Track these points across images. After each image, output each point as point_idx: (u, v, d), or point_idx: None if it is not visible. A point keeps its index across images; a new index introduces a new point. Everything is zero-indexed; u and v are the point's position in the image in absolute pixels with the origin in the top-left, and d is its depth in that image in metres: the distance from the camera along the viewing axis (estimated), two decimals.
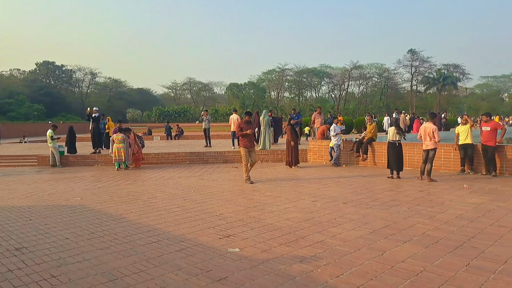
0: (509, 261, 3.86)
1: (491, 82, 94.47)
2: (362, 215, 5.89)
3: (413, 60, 60.82)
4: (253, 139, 9.35)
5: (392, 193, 7.61)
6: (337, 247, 4.43)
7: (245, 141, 9.05)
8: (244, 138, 9.03)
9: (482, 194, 7.38)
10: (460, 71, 64.26)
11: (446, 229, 5.04)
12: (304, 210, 6.26)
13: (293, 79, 71.30)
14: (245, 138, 9.03)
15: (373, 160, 12.16)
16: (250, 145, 9.10)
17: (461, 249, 4.26)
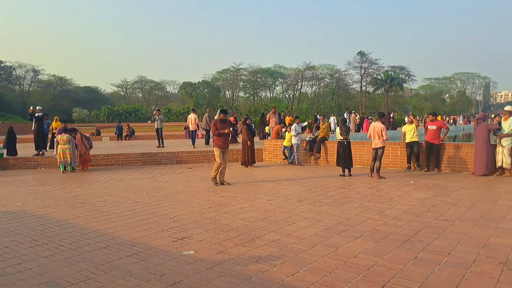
0: (452, 253, 4.09)
1: (433, 83, 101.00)
2: (316, 213, 5.99)
3: (362, 62, 63.47)
4: (228, 140, 8.89)
5: (344, 191, 7.84)
6: (292, 245, 4.47)
7: (220, 141, 8.56)
8: (220, 138, 8.54)
9: (426, 189, 7.82)
10: (406, 72, 68.02)
11: (394, 224, 5.26)
12: (260, 210, 6.26)
13: (247, 79, 71.38)
14: (220, 137, 8.54)
15: (326, 158, 12.49)
16: (225, 145, 8.65)
17: (408, 243, 4.46)
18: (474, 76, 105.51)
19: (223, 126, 8.68)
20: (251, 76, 70.74)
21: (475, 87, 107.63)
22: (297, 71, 67.35)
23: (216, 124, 8.65)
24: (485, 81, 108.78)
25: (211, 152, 13.79)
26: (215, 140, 8.65)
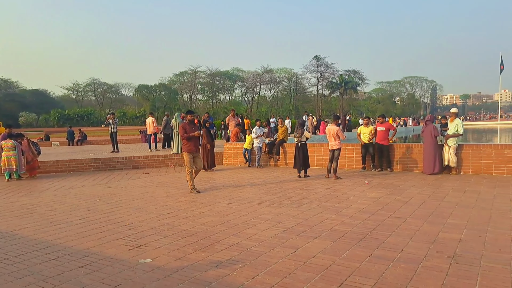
0: (405, 249, 4.27)
1: (385, 87, 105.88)
2: (275, 215, 6.02)
3: (318, 66, 65.22)
4: (199, 143, 8.47)
5: (303, 192, 7.96)
6: (252, 248, 4.45)
7: (190, 145, 8.05)
8: (189, 141, 8.03)
9: (380, 188, 8.12)
10: (359, 76, 70.75)
11: (351, 223, 5.41)
12: (220, 213, 6.20)
13: (206, 82, 70.71)
14: (189, 141, 8.03)
15: (285, 160, 12.64)
16: (195, 149, 8.17)
17: (364, 241, 4.59)
18: (422, 80, 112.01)
19: (192, 128, 8.17)
20: (210, 79, 70.21)
21: (423, 90, 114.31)
22: (256, 74, 67.94)
23: (185, 127, 8.09)
24: (432, 84, 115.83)
25: (169, 156, 13.51)
26: (185, 145, 8.10)
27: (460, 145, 9.94)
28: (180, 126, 8.30)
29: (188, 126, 8.19)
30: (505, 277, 3.41)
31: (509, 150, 9.38)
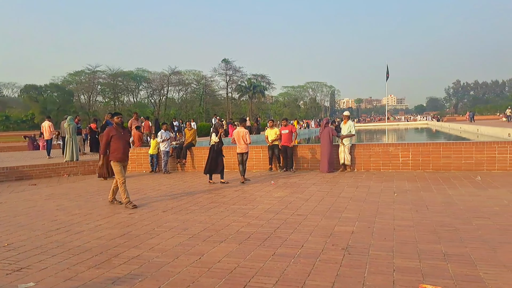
0: (305, 245, 4.47)
1: (290, 91, 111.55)
2: (182, 222, 5.84)
3: (227, 69, 65.89)
4: (128, 150, 7.45)
5: (211, 196, 7.89)
6: (155, 259, 4.22)
7: (118, 152, 7.01)
8: (116, 149, 7.00)
9: (285, 188, 8.46)
10: (266, 81, 73.37)
11: (256, 224, 5.50)
12: (120, 225, 5.79)
13: (107, 82, 65.54)
14: (117, 149, 7.00)
15: (193, 165, 12.44)
16: (125, 157, 7.17)
17: (268, 240, 4.70)
18: (322, 85, 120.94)
19: (121, 134, 7.15)
20: (111, 80, 65.23)
21: (323, 94, 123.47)
22: (163, 76, 65.54)
23: (111, 133, 7.03)
24: (331, 89, 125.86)
25: (61, 165, 12.27)
26: (112, 152, 7.03)
27: (353, 145, 10.89)
28: (105, 132, 7.18)
29: (115, 131, 7.07)
30: (389, 263, 3.78)
31: (393, 149, 10.57)
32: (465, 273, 3.45)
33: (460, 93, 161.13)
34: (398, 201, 6.59)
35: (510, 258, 3.76)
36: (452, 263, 3.70)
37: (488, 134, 28.99)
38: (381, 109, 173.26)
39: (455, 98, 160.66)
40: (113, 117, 7.47)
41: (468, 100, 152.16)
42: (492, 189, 7.37)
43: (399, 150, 10.51)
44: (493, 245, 4.16)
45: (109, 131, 7.08)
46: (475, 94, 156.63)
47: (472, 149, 9.85)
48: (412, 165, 10.36)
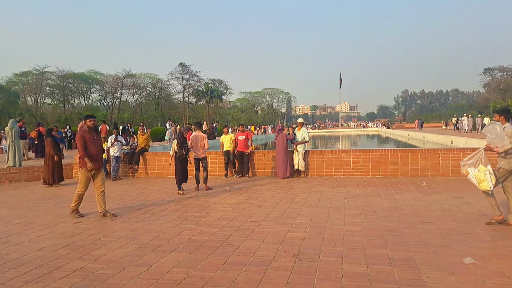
0: (257, 252, 4.45)
1: (247, 97, 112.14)
2: (130, 230, 5.61)
3: (184, 73, 65.02)
4: (102, 156, 6.93)
5: (163, 203, 7.67)
6: (100, 271, 4.00)
7: (91, 158, 6.43)
8: (90, 155, 6.43)
9: (240, 194, 8.42)
10: (224, 86, 73.30)
11: (209, 232, 5.41)
12: (64, 235, 5.45)
13: (56, 84, 61.91)
14: (91, 155, 6.44)
15: (146, 170, 12.06)
16: (98, 164, 6.60)
17: (220, 249, 4.63)
18: (279, 92, 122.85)
19: (94, 139, 6.59)
20: (61, 81, 61.74)
21: (280, 101, 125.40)
22: (116, 78, 63.21)
23: (84, 137, 6.48)
24: (287, 96, 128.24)
25: (2, 171, 11.42)
26: (82, 161, 6.46)
27: (307, 151, 11.11)
28: (78, 135, 6.59)
29: (89, 135, 6.54)
30: (337, 269, 3.85)
31: (345, 155, 10.91)
32: (409, 277, 3.58)
33: (408, 102, 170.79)
34: (349, 207, 6.78)
35: (450, 261, 3.97)
36: (398, 267, 3.84)
37: (433, 141, 30.88)
38: (335, 116, 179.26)
39: (404, 106, 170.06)
40: (85, 119, 6.84)
41: (415, 108, 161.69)
42: (436, 194, 7.80)
43: (350, 156, 10.86)
44: (435, 249, 4.38)
45: (82, 135, 6.52)
46: (421, 103, 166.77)
47: (418, 156, 10.40)
48: (362, 171, 10.74)
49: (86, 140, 6.45)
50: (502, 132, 5.08)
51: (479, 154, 5.35)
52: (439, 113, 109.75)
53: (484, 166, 5.24)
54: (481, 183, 5.25)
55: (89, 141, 6.48)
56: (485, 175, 5.20)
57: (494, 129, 5.15)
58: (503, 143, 5.05)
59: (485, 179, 5.20)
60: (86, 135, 6.51)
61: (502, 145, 5.06)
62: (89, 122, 6.70)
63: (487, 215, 5.88)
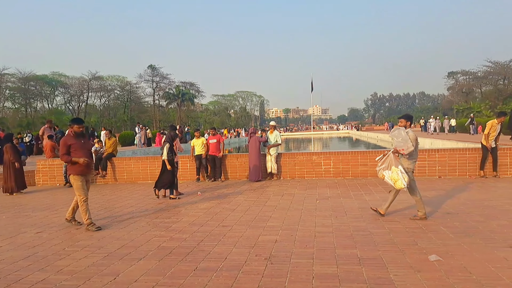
0: (229, 257, 4.40)
1: (220, 99, 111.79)
2: (97, 239, 5.41)
3: (153, 76, 63.97)
4: (91, 162, 6.37)
5: (132, 209, 7.47)
6: (63, 282, 3.82)
7: (79, 165, 5.93)
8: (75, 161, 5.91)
9: (212, 199, 8.33)
10: (196, 88, 72.70)
11: (179, 238, 5.30)
12: (24, 246, 5.18)
13: (16, 87, 58.85)
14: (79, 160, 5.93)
15: (114, 176, 11.73)
16: (87, 170, 6.07)
17: (191, 255, 4.54)
18: (252, 95, 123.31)
19: (81, 143, 6.05)
20: (22, 84, 58.77)
21: (253, 104, 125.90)
22: (82, 81, 61.05)
23: (68, 142, 5.93)
24: (261, 99, 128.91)
25: None
26: (72, 166, 5.94)
27: (279, 154, 11.17)
28: (62, 139, 6.04)
29: (75, 140, 5.99)
30: (308, 270, 3.86)
31: (316, 157, 11.04)
32: (378, 276, 3.65)
33: (377, 105, 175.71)
34: (320, 208, 6.85)
35: (416, 258, 4.08)
36: (366, 266, 3.90)
37: None
38: (308, 119, 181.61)
39: (373, 109, 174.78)
40: (72, 124, 6.15)
41: (384, 111, 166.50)
42: (402, 193, 7.97)
43: (321, 158, 11.00)
44: (402, 247, 4.49)
45: (66, 141, 5.94)
46: (390, 105, 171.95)
47: None
48: (333, 172, 10.91)
49: (71, 146, 5.91)
50: (406, 136, 5.61)
51: (389, 157, 5.78)
52: None
53: (395, 167, 5.68)
54: (396, 183, 5.67)
55: (76, 147, 5.92)
56: (398, 175, 5.64)
57: (400, 134, 5.68)
58: (407, 145, 5.59)
59: (398, 178, 5.64)
60: (71, 141, 5.95)
61: (407, 147, 5.61)
62: (77, 127, 6.07)
63: (451, 213, 6.11)
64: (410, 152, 5.65)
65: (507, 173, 9.91)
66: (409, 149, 5.62)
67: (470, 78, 68.80)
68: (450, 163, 10.21)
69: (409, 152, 5.65)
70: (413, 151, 5.68)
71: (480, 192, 7.89)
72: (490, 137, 9.72)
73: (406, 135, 5.62)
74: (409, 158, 5.77)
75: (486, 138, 9.83)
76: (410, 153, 5.67)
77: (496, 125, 9.77)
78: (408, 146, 5.60)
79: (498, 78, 63.90)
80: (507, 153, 9.96)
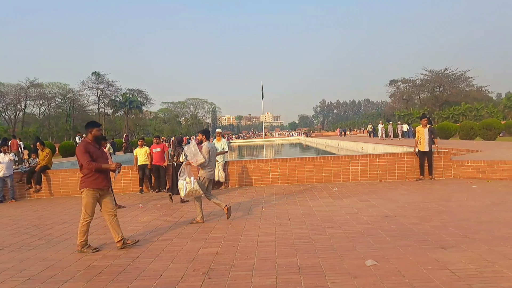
0: (164, 274, 4.14)
1: (170, 107, 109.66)
2: (19, 261, 4.90)
3: (98, 83, 61.13)
4: (109, 174, 5.55)
5: (64, 226, 6.92)
6: None
7: (99, 176, 5.19)
8: (97, 172, 5.17)
9: (154, 211, 7.96)
10: (144, 96, 70.51)
11: (113, 255, 4.94)
12: None
13: None
14: (98, 172, 5.18)
15: (50, 190, 10.89)
16: (107, 183, 5.34)
17: (123, 274, 4.22)
18: (203, 102, 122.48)
19: (101, 152, 5.38)
20: None
21: (205, 111, 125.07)
22: (19, 88, 56.72)
23: (88, 148, 5.18)
24: (212, 106, 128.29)
25: None
26: (90, 176, 5.15)
27: (226, 161, 11.01)
28: (80, 146, 5.18)
29: (94, 148, 5.28)
30: (247, 283, 3.73)
31: (263, 164, 11.02)
32: (316, 285, 3.60)
33: (325, 111, 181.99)
34: (265, 216, 6.78)
35: (353, 264, 4.10)
36: (305, 275, 3.85)
37: (346, 148, 33.06)
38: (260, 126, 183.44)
39: (322, 115, 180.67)
40: (90, 128, 5.32)
41: (332, 117, 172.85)
42: (346, 198, 8.19)
43: (269, 165, 11.01)
44: (341, 253, 4.51)
45: (85, 147, 5.15)
46: (337, 112, 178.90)
47: (330, 163, 10.92)
48: (280, 179, 10.95)
49: (91, 154, 5.17)
50: (195, 150, 6.36)
51: (184, 169, 6.43)
52: (353, 121, 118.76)
53: (188, 177, 6.35)
54: (181, 191, 6.39)
55: (96, 155, 5.21)
56: (182, 185, 6.34)
57: (189, 148, 6.41)
58: (196, 158, 6.36)
59: (182, 188, 6.35)
60: (91, 148, 5.21)
61: (196, 160, 6.37)
62: (96, 131, 5.31)
63: (389, 216, 6.30)
64: (200, 163, 6.40)
65: (441, 176, 10.53)
66: (199, 161, 6.37)
67: (410, 86, 73.43)
68: (389, 167, 10.65)
69: (200, 163, 6.39)
70: (205, 162, 6.44)
71: (417, 194, 8.27)
72: (421, 142, 10.31)
73: (196, 149, 6.35)
74: (204, 168, 6.54)
75: (416, 144, 10.41)
76: (201, 164, 6.42)
77: (422, 130, 10.36)
78: (198, 159, 6.35)
79: (434, 85, 68.85)
80: (441, 156, 10.59)
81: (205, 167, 6.54)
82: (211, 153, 6.63)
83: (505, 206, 6.60)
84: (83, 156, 5.10)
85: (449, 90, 66.77)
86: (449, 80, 66.37)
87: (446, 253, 4.30)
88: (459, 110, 49.83)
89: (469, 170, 10.26)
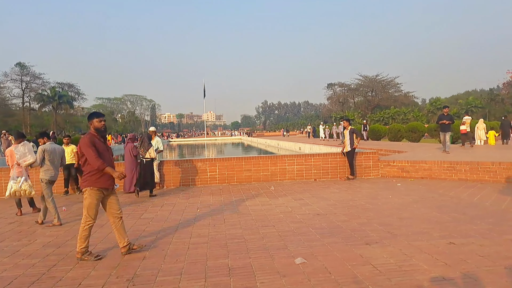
0: (84, 282, 3.82)
1: (105, 103, 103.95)
2: None
3: (23, 75, 55.98)
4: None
5: None
6: None
7: (104, 175, 4.57)
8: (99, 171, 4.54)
9: (79, 214, 7.33)
10: (75, 90, 66.05)
11: (26, 264, 4.48)
12: None
13: None
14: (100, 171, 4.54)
15: None
16: (112, 182, 4.71)
17: (37, 284, 3.82)
18: (141, 99, 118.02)
19: (106, 146, 4.72)
20: None
21: (143, 108, 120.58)
22: None
23: (94, 142, 4.55)
24: (151, 103, 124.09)
25: None
26: (94, 174, 4.56)
27: (161, 161, 10.62)
28: (85, 139, 4.53)
29: (98, 141, 4.63)
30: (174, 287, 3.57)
31: (201, 164, 10.82)
32: (245, 286, 3.55)
33: (267, 112, 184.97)
34: (199, 217, 6.62)
35: (283, 263, 4.12)
36: (235, 276, 3.78)
37: (285, 148, 33.86)
38: (202, 125, 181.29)
39: (264, 116, 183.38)
40: (91, 119, 4.72)
41: (274, 118, 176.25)
42: (281, 197, 8.31)
43: (207, 165, 10.83)
44: (272, 252, 4.52)
45: (91, 140, 4.53)
46: (279, 113, 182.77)
47: (268, 162, 11.03)
48: (219, 179, 10.83)
49: (97, 148, 4.56)
50: (24, 150, 6.50)
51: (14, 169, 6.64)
52: (293, 122, 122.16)
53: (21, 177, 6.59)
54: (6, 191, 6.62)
55: (101, 149, 4.61)
56: (9, 185, 6.56)
57: (18, 150, 6.53)
58: (24, 159, 6.49)
59: (8, 187, 6.57)
60: (96, 141, 4.60)
61: (24, 161, 6.49)
62: (98, 122, 4.69)
63: (320, 214, 6.48)
64: (29, 163, 6.52)
65: (370, 175, 11.13)
66: (27, 162, 6.50)
67: (345, 90, 77.15)
68: (323, 167, 11.03)
69: (28, 164, 6.51)
70: (36, 163, 6.56)
71: (347, 193, 8.64)
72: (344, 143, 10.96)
73: (25, 150, 6.48)
74: (43, 170, 6.58)
75: (344, 145, 10.99)
76: (30, 164, 6.54)
77: (346, 132, 10.95)
78: (26, 159, 6.48)
79: (367, 90, 73.09)
80: (369, 156, 11.19)
81: (44, 169, 6.55)
82: (51, 154, 6.62)
83: (424, 203, 7.13)
84: (88, 150, 4.50)
85: (380, 95, 71.30)
86: (380, 86, 70.85)
87: (370, 248, 4.50)
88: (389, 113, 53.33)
89: (394, 169, 10.98)
